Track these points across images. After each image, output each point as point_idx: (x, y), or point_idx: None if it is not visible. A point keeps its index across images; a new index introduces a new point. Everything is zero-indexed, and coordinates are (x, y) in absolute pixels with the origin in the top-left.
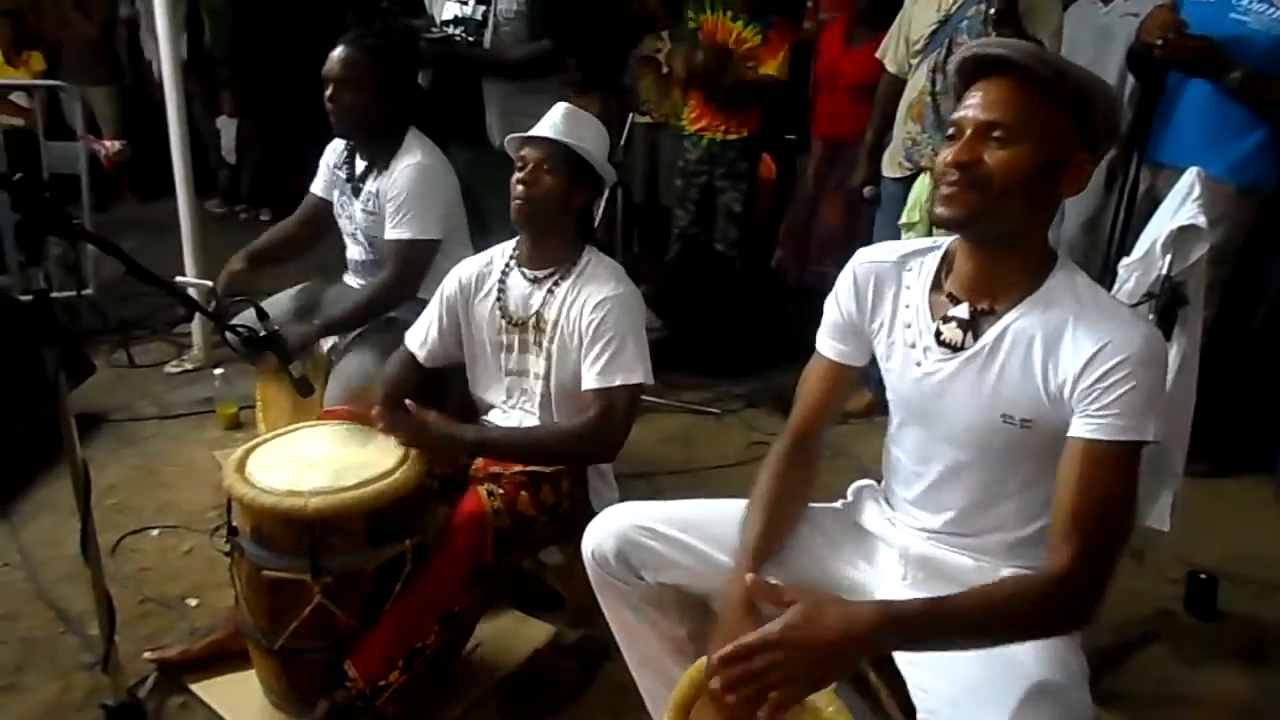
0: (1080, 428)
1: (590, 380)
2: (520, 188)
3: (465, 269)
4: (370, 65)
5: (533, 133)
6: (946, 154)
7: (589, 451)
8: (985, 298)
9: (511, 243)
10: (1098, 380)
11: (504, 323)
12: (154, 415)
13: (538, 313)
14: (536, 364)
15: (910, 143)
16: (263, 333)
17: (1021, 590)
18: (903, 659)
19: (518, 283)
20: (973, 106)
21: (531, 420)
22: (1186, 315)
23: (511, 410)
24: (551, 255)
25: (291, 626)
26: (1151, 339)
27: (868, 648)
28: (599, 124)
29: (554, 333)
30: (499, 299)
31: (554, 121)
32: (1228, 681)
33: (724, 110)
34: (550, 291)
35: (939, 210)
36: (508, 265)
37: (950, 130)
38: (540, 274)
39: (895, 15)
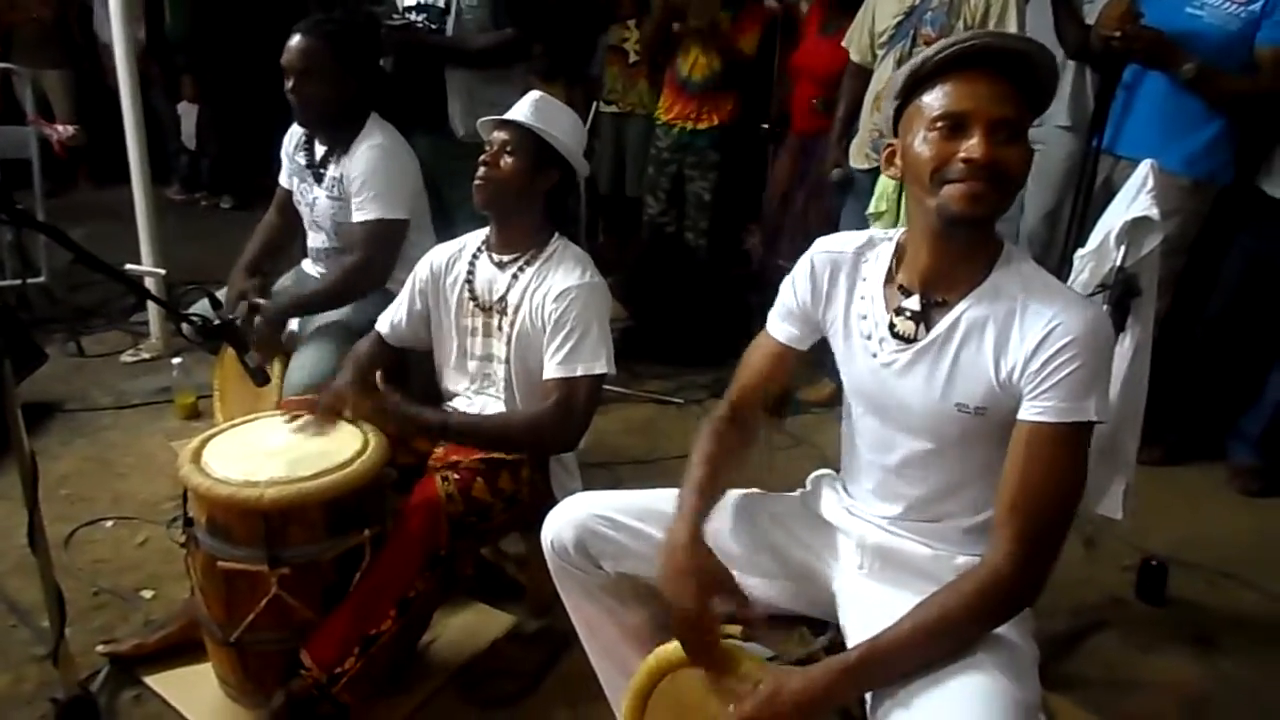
0: (1026, 411)
1: (551, 369)
2: (482, 169)
3: (438, 253)
4: (329, 53)
5: (505, 116)
6: (966, 149)
7: (549, 440)
8: (938, 289)
9: (486, 229)
10: (1045, 363)
11: (472, 306)
12: (110, 405)
13: (503, 297)
14: (500, 348)
15: (877, 134)
16: (216, 321)
17: (956, 598)
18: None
19: (485, 267)
20: (974, 99)
21: (497, 406)
22: (1139, 306)
23: (476, 396)
24: (517, 240)
25: (248, 618)
26: (1097, 320)
27: (829, 705)
28: (573, 114)
29: (515, 317)
30: (468, 282)
31: (524, 106)
32: (1177, 666)
33: (698, 97)
34: (515, 276)
35: (961, 209)
36: (478, 250)
37: (944, 121)
38: (506, 258)
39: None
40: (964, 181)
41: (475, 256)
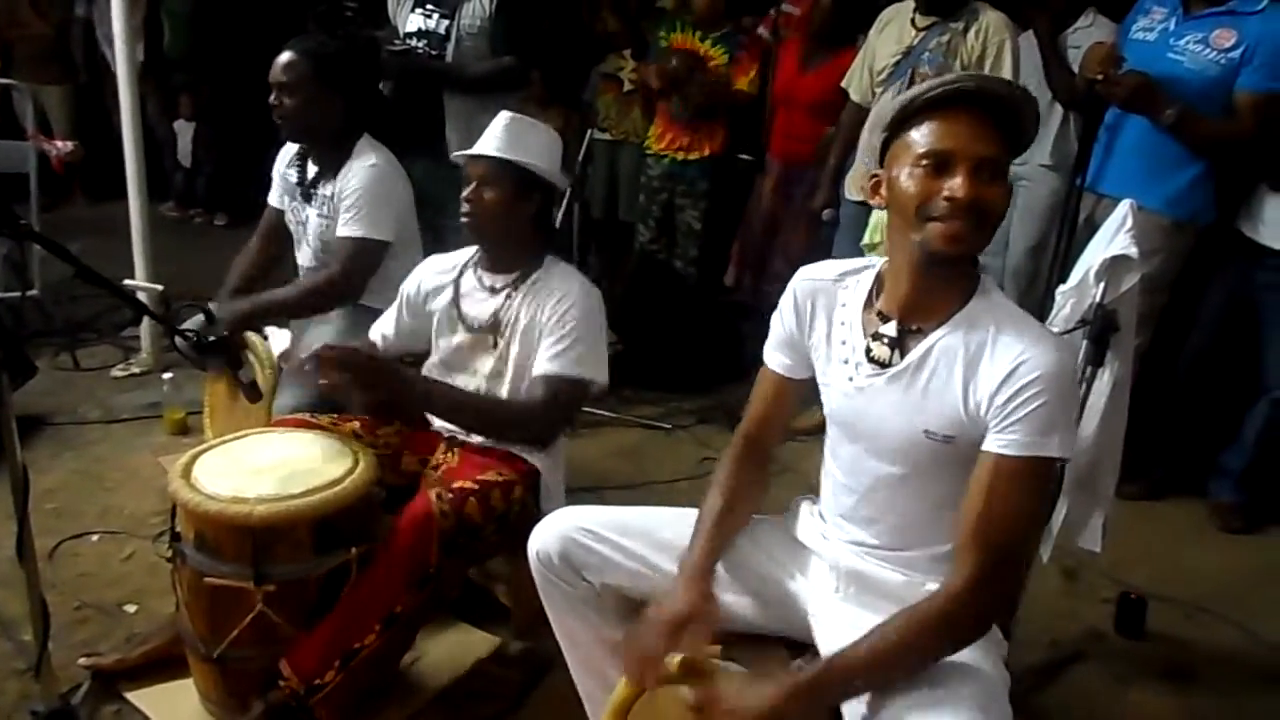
0: (991, 443)
1: (541, 365)
2: (465, 205)
3: (428, 270)
4: (311, 70)
5: (474, 150)
6: (950, 187)
7: (520, 431)
8: (915, 317)
9: (474, 248)
10: (1011, 397)
11: (461, 326)
12: (98, 419)
13: (496, 317)
14: (493, 365)
15: None
16: (212, 338)
17: (918, 619)
18: None
19: (475, 288)
20: (958, 138)
21: None
22: (1118, 341)
23: None
24: (511, 262)
25: (231, 634)
26: (1064, 359)
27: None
28: (546, 130)
29: (512, 335)
30: (455, 303)
31: (496, 134)
32: (1155, 700)
33: (690, 127)
34: (509, 297)
35: (943, 247)
36: (467, 271)
37: (929, 159)
38: (499, 280)
39: (850, 36)
40: (947, 220)
41: (460, 276)
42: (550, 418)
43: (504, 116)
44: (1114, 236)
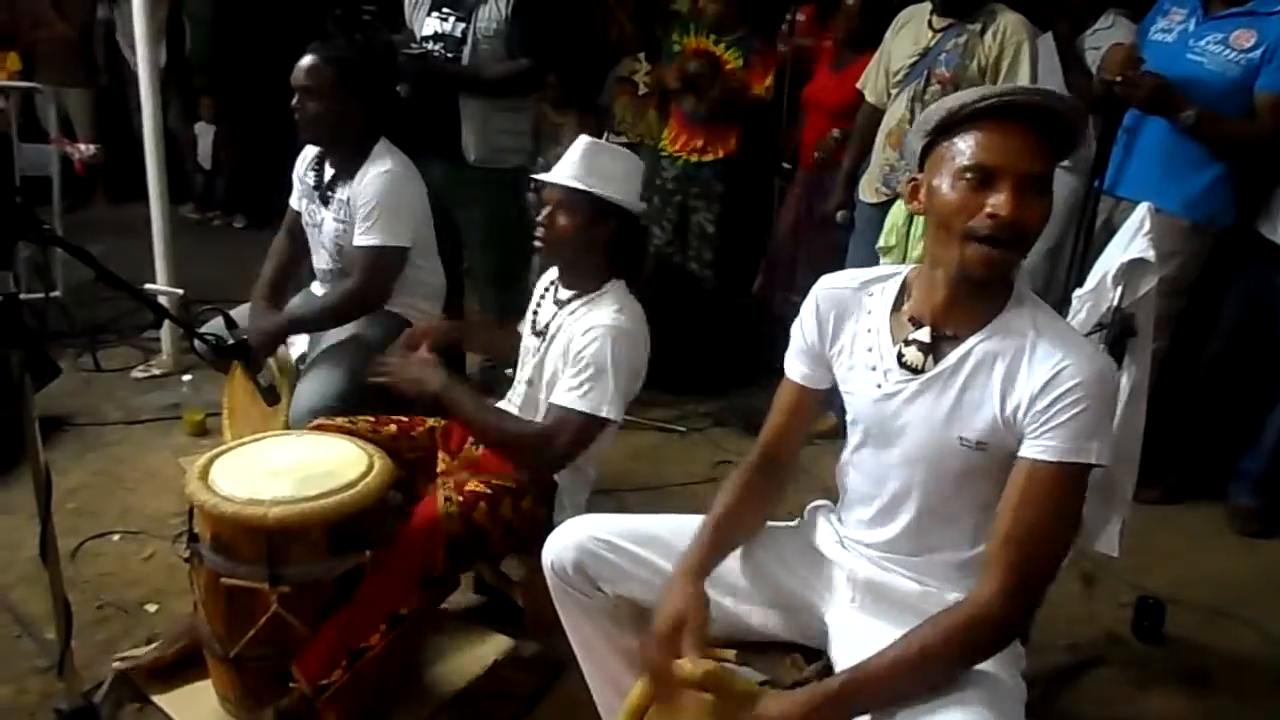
0: (1028, 449)
1: (554, 394)
2: (539, 229)
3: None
4: (334, 75)
5: (550, 176)
6: (994, 205)
7: (524, 456)
8: (949, 323)
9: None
10: (1050, 404)
11: (530, 331)
12: (119, 420)
13: (549, 326)
14: (533, 373)
15: (888, 169)
16: (231, 341)
17: (942, 628)
18: None
19: (549, 299)
20: (1005, 153)
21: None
22: (1136, 345)
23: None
24: (579, 281)
25: (247, 635)
26: (1105, 367)
27: None
28: (626, 156)
29: (550, 350)
30: (535, 310)
31: (573, 161)
32: (1173, 704)
33: (704, 129)
34: (569, 312)
35: (982, 272)
36: (551, 282)
37: (972, 174)
38: (566, 295)
39: (876, 40)
40: (987, 243)
41: (547, 288)
42: (549, 450)
43: (583, 141)
44: (1132, 240)
